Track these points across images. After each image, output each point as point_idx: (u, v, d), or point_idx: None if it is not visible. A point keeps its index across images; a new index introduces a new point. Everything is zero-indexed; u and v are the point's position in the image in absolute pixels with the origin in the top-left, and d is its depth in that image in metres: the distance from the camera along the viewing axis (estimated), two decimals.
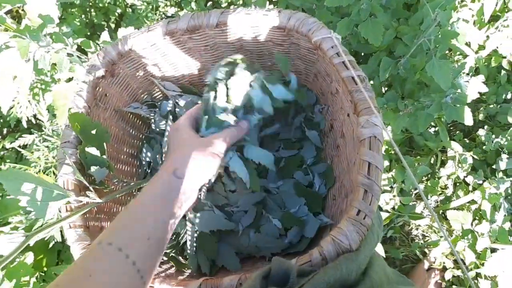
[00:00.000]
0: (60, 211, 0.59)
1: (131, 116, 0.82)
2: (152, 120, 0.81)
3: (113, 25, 1.42)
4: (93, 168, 0.60)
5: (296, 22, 0.63)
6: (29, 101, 0.95)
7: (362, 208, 0.48)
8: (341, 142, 0.68)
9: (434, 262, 1.28)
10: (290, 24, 0.64)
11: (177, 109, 0.80)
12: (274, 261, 0.46)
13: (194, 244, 0.70)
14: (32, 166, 0.91)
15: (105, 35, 0.91)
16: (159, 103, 0.83)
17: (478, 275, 1.17)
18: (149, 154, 0.81)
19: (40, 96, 0.94)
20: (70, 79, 0.84)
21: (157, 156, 0.80)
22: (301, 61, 0.76)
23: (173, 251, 0.73)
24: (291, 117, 0.78)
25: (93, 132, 0.62)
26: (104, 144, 0.63)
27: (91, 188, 0.59)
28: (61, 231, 0.88)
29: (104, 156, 0.61)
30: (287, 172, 0.74)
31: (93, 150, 0.60)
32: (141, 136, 0.86)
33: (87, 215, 0.59)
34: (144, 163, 0.82)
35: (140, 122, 0.86)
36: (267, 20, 0.66)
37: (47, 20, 0.73)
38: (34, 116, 0.96)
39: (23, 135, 0.93)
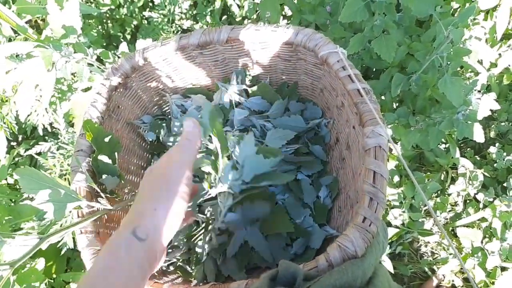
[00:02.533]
0: (72, 218, 0.60)
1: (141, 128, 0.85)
2: (161, 135, 0.83)
3: (128, 37, 1.45)
4: (104, 177, 0.62)
5: (303, 38, 0.66)
6: (46, 109, 0.97)
7: (368, 215, 0.49)
8: (347, 154, 0.69)
9: (443, 280, 1.27)
10: (298, 39, 0.66)
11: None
12: (282, 263, 0.47)
13: (205, 251, 0.71)
14: (48, 173, 0.92)
15: (123, 46, 0.93)
16: (169, 116, 0.85)
17: None
18: None
19: (57, 105, 0.96)
20: (88, 89, 0.86)
21: None
22: (307, 76, 0.78)
23: (181, 261, 0.74)
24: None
25: (106, 140, 0.64)
26: (116, 153, 0.64)
27: (102, 195, 0.60)
28: (73, 238, 0.89)
29: (116, 165, 0.63)
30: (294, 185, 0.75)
31: (105, 159, 0.62)
32: (150, 148, 0.88)
33: (98, 222, 0.61)
34: None
35: None
36: (276, 36, 0.68)
37: (70, 31, 0.75)
38: (50, 124, 0.98)
39: (39, 143, 0.95)
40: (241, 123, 0.79)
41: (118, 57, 0.94)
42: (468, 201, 1.31)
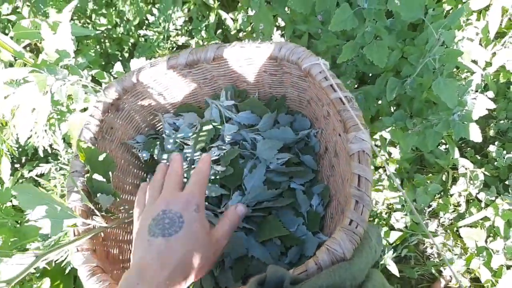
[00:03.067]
0: (68, 236, 0.61)
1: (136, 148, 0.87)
2: (155, 153, 0.85)
3: (126, 55, 1.47)
4: (99, 195, 0.63)
5: (287, 52, 0.68)
6: (45, 130, 0.99)
7: (354, 217, 0.51)
8: (335, 162, 0.71)
9: (450, 281, 1.27)
10: (281, 54, 0.69)
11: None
12: (270, 268, 0.48)
13: None
14: (49, 194, 0.93)
15: (118, 66, 0.95)
16: (162, 135, 0.88)
17: None
18: None
19: (56, 126, 0.97)
20: (85, 109, 0.88)
21: None
22: (294, 88, 0.81)
23: None
24: None
25: (100, 159, 0.65)
26: (110, 173, 0.66)
27: (97, 213, 0.62)
28: None
29: (110, 184, 0.65)
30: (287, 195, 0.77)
31: (99, 178, 0.64)
32: (145, 167, 0.90)
33: (94, 240, 0.63)
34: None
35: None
36: (260, 52, 0.71)
37: (64, 55, 0.77)
38: (50, 145, 1.00)
39: (40, 165, 0.97)
40: (232, 137, 0.81)
41: (114, 77, 0.96)
42: (470, 201, 1.31)
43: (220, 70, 0.78)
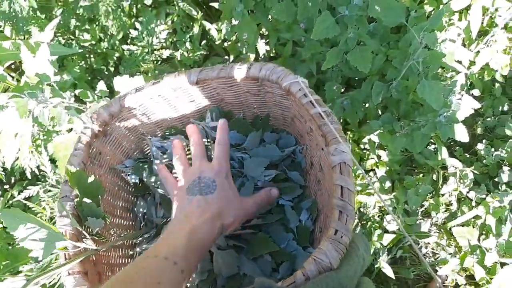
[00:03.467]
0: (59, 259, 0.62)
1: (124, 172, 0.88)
2: (144, 177, 0.85)
3: (112, 69, 1.46)
4: (89, 219, 0.64)
5: (267, 72, 0.70)
6: (32, 151, 0.98)
7: (339, 227, 0.52)
8: (321, 176, 0.72)
9: (446, 280, 1.27)
10: (262, 74, 0.71)
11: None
12: (257, 280, 0.49)
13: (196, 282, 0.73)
14: (38, 216, 0.93)
15: (101, 85, 0.94)
16: (150, 159, 0.88)
17: None
18: (143, 207, 0.86)
19: (42, 147, 0.97)
20: (70, 130, 0.87)
21: (152, 207, 0.85)
22: (277, 107, 0.83)
23: None
24: None
25: (89, 182, 0.66)
26: (99, 196, 0.67)
27: (88, 236, 0.63)
28: None
29: (100, 208, 0.66)
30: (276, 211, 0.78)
31: (88, 201, 0.65)
32: (134, 191, 0.90)
33: (86, 264, 0.63)
34: (139, 215, 0.86)
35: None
36: (241, 73, 0.73)
37: (44, 78, 0.76)
38: (38, 167, 0.99)
39: (27, 187, 0.96)
40: None
41: (98, 96, 0.95)
42: (462, 199, 1.31)
43: (204, 92, 0.80)
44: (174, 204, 0.66)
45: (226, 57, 1.49)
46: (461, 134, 1.06)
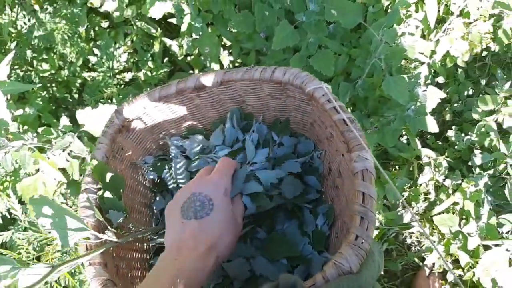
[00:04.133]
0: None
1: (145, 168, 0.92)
2: (163, 174, 0.88)
3: (76, 95, 1.43)
4: (111, 212, 0.68)
5: (290, 76, 0.71)
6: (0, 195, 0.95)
7: (360, 233, 0.53)
8: (339, 182, 0.74)
9: (433, 267, 1.29)
10: (285, 78, 0.71)
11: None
12: (282, 276, 0.49)
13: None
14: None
15: (64, 120, 0.92)
16: (169, 156, 0.91)
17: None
18: (160, 204, 0.88)
19: (9, 190, 0.94)
20: (37, 171, 0.84)
21: None
22: (297, 112, 0.84)
23: None
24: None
25: (111, 175, 0.70)
26: (121, 190, 0.71)
27: (109, 227, 0.66)
28: None
29: (121, 201, 0.70)
30: (292, 214, 0.81)
31: (110, 195, 0.68)
32: (153, 187, 0.93)
33: (105, 255, 0.66)
34: (157, 212, 0.89)
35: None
36: (265, 76, 0.74)
37: (1, 124, 0.74)
38: (8, 210, 0.96)
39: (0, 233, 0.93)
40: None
41: (62, 132, 0.92)
42: (439, 187, 1.33)
43: (227, 94, 0.82)
44: (167, 223, 0.63)
45: (191, 71, 1.48)
46: (431, 125, 1.08)
